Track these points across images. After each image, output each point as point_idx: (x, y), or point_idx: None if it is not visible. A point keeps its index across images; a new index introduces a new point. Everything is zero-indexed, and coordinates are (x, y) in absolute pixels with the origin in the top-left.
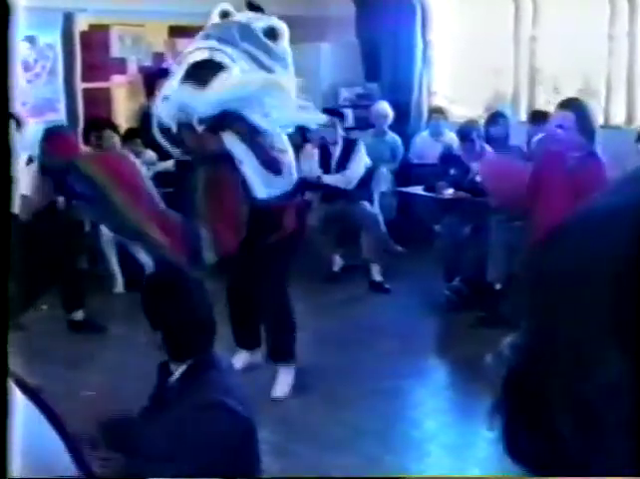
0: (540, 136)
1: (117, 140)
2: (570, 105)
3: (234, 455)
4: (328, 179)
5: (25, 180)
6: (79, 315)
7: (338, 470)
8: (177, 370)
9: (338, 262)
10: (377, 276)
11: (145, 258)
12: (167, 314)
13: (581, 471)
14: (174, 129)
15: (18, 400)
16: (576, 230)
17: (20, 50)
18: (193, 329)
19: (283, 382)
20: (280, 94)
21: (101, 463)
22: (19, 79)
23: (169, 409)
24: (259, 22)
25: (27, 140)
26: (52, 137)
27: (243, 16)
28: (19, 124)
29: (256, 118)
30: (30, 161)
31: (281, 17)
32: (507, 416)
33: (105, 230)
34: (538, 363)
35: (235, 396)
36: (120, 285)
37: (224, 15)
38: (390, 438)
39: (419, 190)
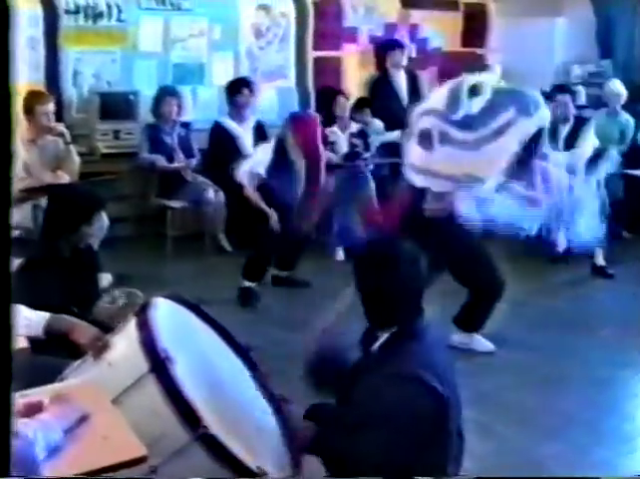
0: None
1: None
2: None
3: (425, 431)
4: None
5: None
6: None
7: (545, 457)
8: (380, 338)
9: (562, 244)
10: (600, 261)
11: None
12: (377, 282)
13: None
14: None
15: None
16: None
17: (254, 17)
18: (398, 299)
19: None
20: None
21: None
22: (252, 46)
23: (368, 376)
24: None
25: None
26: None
27: None
28: (252, 90)
29: None
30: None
31: None
32: None
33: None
34: None
35: (436, 372)
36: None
37: None
38: (601, 429)
39: None
